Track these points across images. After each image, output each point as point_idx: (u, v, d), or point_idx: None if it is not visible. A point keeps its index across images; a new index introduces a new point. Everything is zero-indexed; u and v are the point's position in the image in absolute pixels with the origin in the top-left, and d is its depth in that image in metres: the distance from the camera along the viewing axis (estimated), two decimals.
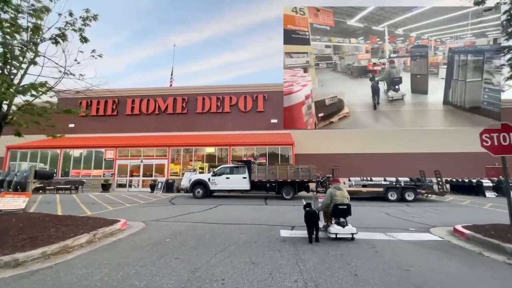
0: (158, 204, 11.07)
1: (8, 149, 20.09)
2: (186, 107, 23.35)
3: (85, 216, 6.24)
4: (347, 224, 5.12)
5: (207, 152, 19.95)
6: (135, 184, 19.38)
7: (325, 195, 5.48)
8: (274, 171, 13.03)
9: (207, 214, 8.17)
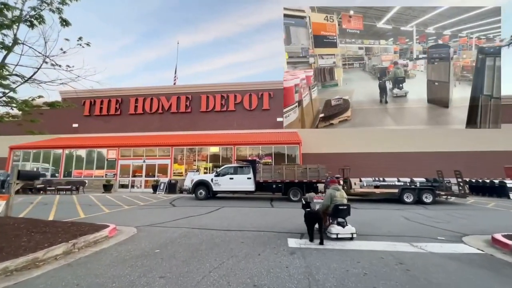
0: (157, 206, 10.46)
1: (11, 149, 19.90)
2: (190, 106, 22.82)
3: (69, 221, 5.63)
4: (347, 224, 5.17)
5: (211, 151, 19.32)
6: (138, 184, 18.90)
7: (325, 196, 5.49)
8: (281, 171, 12.27)
9: (207, 218, 7.49)
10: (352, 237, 5.01)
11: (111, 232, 5.23)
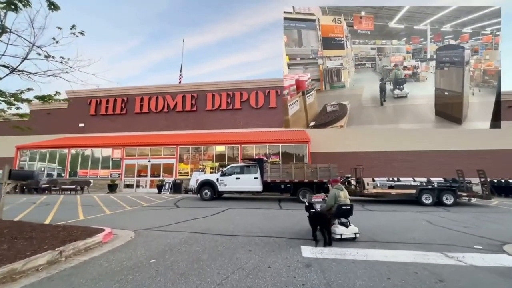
0: (161, 207, 10.02)
1: (18, 149, 19.90)
2: (195, 105, 22.42)
3: (61, 225, 5.19)
4: (350, 224, 5.14)
5: (217, 151, 18.85)
6: (143, 184, 18.59)
7: (329, 196, 5.41)
8: (289, 170, 11.67)
9: (211, 221, 6.97)
10: (355, 237, 4.98)
11: (105, 237, 4.75)
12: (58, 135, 23.20)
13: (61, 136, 23.14)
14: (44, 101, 5.30)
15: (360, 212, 8.93)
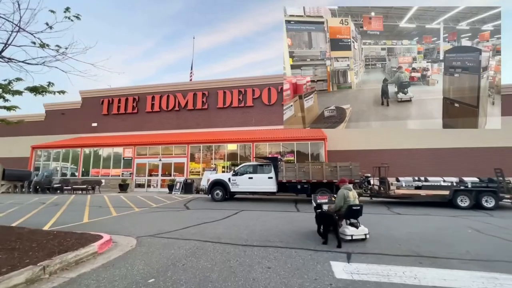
0: (170, 209, 9.45)
1: (33, 149, 20.10)
2: (206, 102, 21.91)
3: (53, 231, 4.63)
4: (360, 225, 5.00)
5: (229, 149, 18.21)
6: (154, 184, 18.26)
7: (338, 197, 5.22)
8: (306, 170, 10.82)
9: (223, 226, 6.27)
10: (365, 237, 4.88)
11: (102, 247, 4.14)
12: (72, 135, 23.38)
13: (75, 136, 23.30)
14: (36, 93, 4.75)
15: (387, 217, 7.97)
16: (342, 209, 5.08)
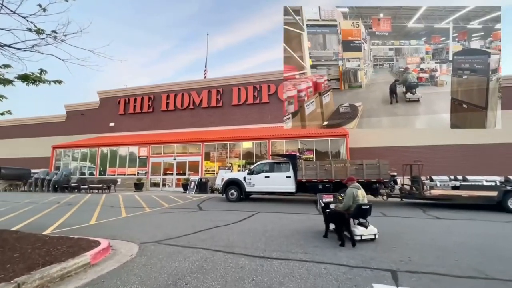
0: (182, 210, 8.92)
1: (54, 149, 20.58)
2: (221, 100, 21.41)
3: (45, 236, 4.12)
4: (369, 224, 4.89)
5: (244, 147, 17.55)
6: (169, 183, 18.00)
7: (346, 196, 5.13)
8: (328, 168, 9.89)
9: (237, 231, 5.57)
10: (374, 237, 4.75)
11: (96, 256, 3.57)
12: (91, 135, 23.81)
13: (93, 135, 23.70)
14: (28, 82, 4.28)
15: (426, 222, 6.91)
16: (351, 209, 4.95)
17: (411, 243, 4.58)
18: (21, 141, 25.72)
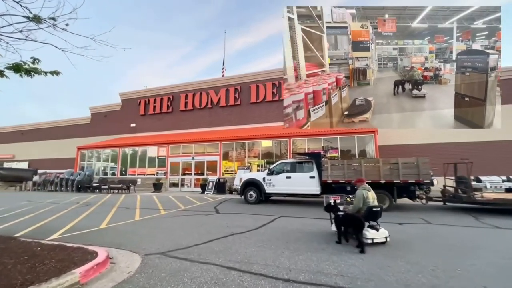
0: (197, 213, 8.36)
1: (79, 150, 21.20)
2: (239, 98, 20.85)
3: (36, 246, 3.63)
4: (380, 227, 4.62)
5: (263, 146, 16.80)
6: (188, 183, 17.72)
7: (356, 198, 4.95)
8: (358, 168, 8.83)
9: (256, 240, 4.82)
10: (386, 241, 4.51)
11: (88, 274, 2.99)
12: (113, 136, 24.36)
13: (116, 136, 24.22)
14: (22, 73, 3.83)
15: (482, 231, 5.71)
16: (361, 211, 4.79)
17: (479, 264, 3.55)
18: (50, 143, 27.01)
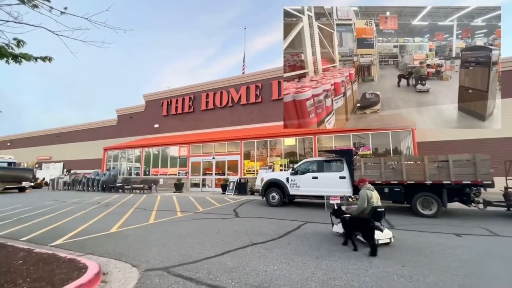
0: (215, 216, 7.70)
1: (105, 150, 21.82)
2: (260, 95, 20.09)
3: (17, 260, 3.11)
4: (384, 228, 4.67)
5: (286, 145, 15.84)
6: (209, 183, 17.32)
7: (360, 198, 4.81)
8: (397, 166, 7.60)
9: (279, 255, 3.98)
10: (390, 241, 4.50)
11: None
12: (138, 137, 24.86)
13: (140, 137, 24.69)
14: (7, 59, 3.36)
15: None
16: (365, 212, 4.71)
17: None
18: (82, 144, 28.35)
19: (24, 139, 34.69)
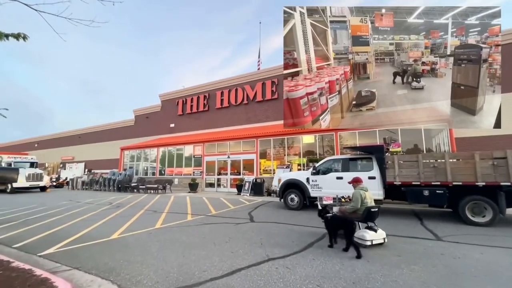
0: (229, 219, 6.97)
1: (122, 150, 21.95)
2: (276, 91, 19.18)
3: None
4: (378, 228, 4.52)
5: (305, 143, 14.83)
6: (224, 183, 16.71)
7: (354, 198, 4.72)
8: (439, 165, 6.43)
9: (303, 276, 3.14)
10: (383, 242, 4.42)
11: None
12: (154, 136, 24.87)
13: (156, 137, 24.68)
14: None
15: None
16: (358, 212, 4.56)
17: None
18: (102, 145, 28.96)
19: (50, 140, 36.23)
